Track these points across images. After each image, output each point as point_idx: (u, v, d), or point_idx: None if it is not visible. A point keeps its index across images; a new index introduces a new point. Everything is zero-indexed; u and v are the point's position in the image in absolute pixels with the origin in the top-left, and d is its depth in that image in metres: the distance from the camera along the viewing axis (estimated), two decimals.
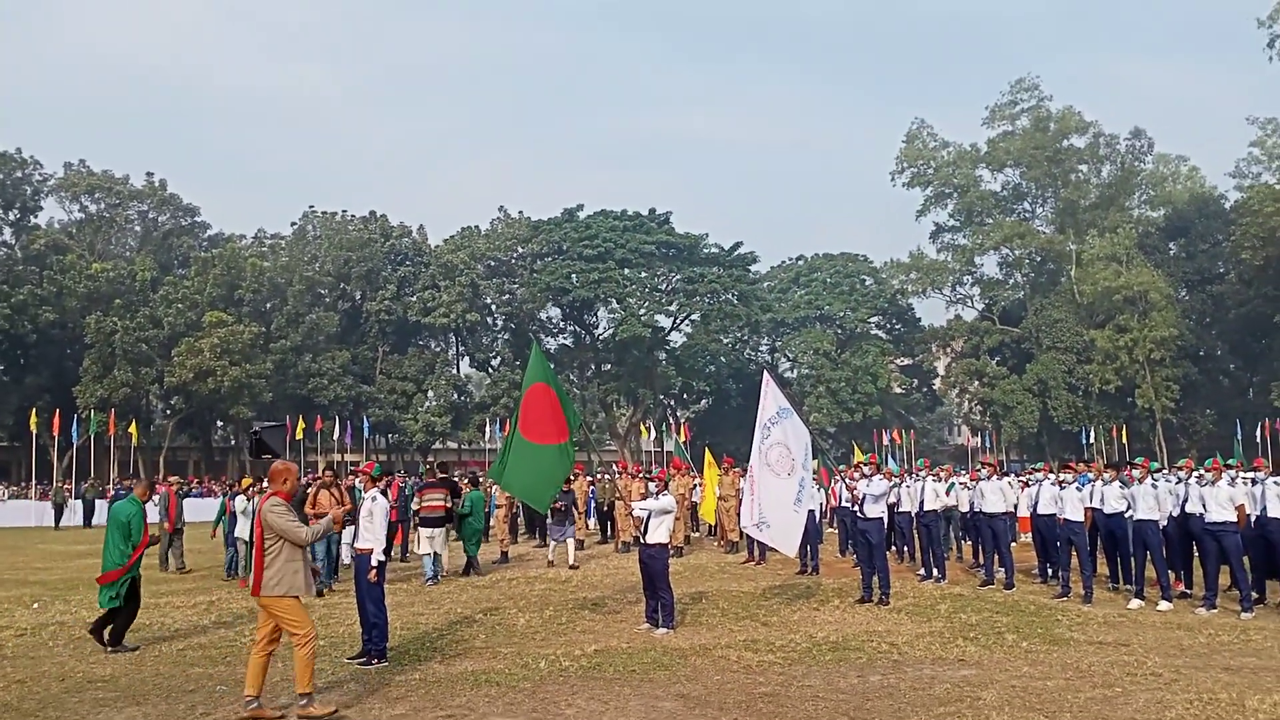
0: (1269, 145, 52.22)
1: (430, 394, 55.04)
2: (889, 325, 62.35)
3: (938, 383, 60.61)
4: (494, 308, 57.96)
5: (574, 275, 54.21)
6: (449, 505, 15.50)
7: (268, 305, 53.29)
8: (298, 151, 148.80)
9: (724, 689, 8.07)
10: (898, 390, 60.74)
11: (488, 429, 49.35)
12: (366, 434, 50.32)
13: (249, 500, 15.28)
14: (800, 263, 64.46)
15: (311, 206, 59.10)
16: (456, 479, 17.34)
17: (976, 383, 52.65)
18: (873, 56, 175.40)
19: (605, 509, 22.49)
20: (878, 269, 61.02)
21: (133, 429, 44.10)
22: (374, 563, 9.20)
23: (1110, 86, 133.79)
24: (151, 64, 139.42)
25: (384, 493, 9.77)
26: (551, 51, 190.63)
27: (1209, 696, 7.41)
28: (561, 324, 60.58)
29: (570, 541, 17.37)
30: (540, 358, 11.61)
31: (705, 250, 57.98)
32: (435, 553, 15.12)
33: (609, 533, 22.10)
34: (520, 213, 58.96)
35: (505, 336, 59.21)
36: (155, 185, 58.19)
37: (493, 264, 57.41)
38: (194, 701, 7.85)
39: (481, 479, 19.29)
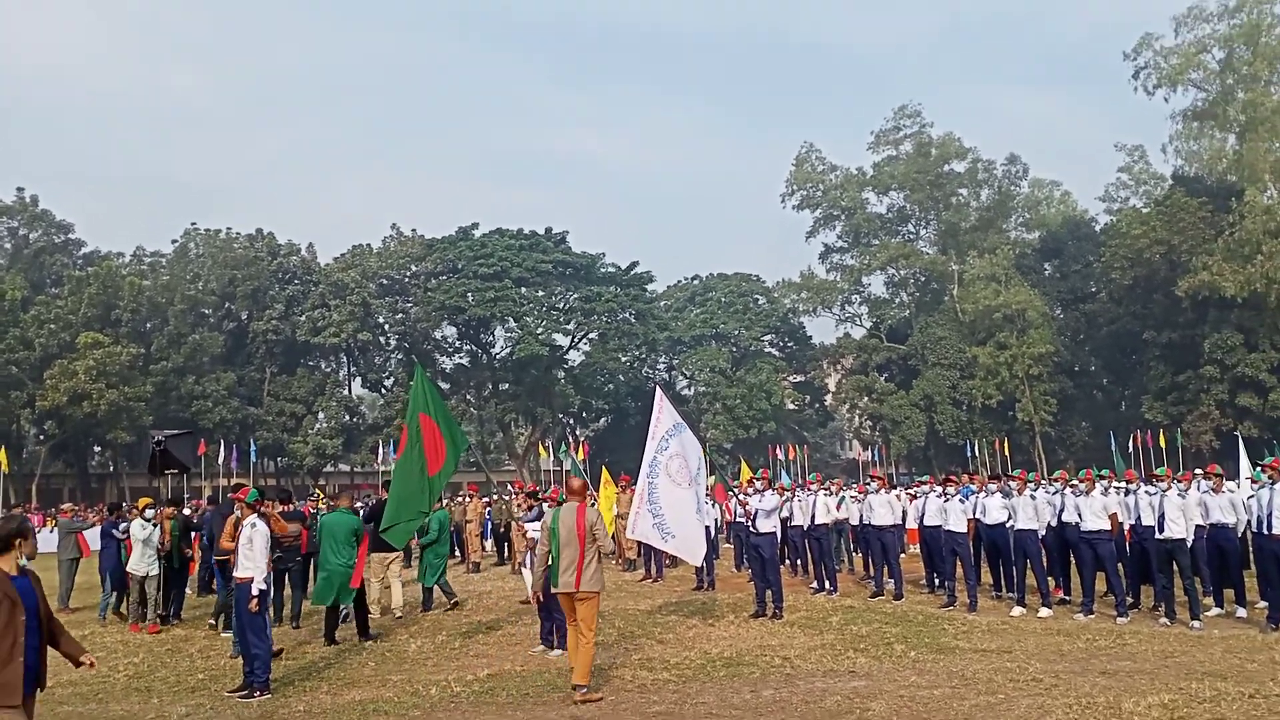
0: (1135, 171, 55.13)
1: (321, 415, 53.65)
2: (782, 343, 63.49)
3: (829, 399, 61.93)
4: (387, 327, 56.94)
5: (470, 294, 53.67)
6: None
7: (147, 325, 51.21)
8: (177, 165, 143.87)
9: (618, 709, 8.04)
10: (791, 406, 61.85)
11: (381, 450, 48.24)
12: (254, 457, 48.69)
13: (153, 526, 13.14)
14: (696, 282, 65.22)
15: (194, 224, 57.22)
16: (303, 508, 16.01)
17: (866, 398, 53.96)
18: (764, 82, 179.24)
19: (502, 530, 22.27)
20: (770, 288, 62.14)
21: (1, 455, 41.78)
22: (254, 591, 8.89)
23: (988, 114, 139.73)
24: (17, 64, 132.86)
25: (265, 519, 9.44)
26: (443, 67, 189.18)
27: (1087, 700, 7.70)
28: (457, 343, 59.89)
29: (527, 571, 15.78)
30: (423, 383, 11.41)
31: (602, 270, 58.16)
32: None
33: (505, 554, 21.88)
34: (414, 231, 58.25)
35: (399, 356, 58.17)
36: (26, 201, 55.46)
37: (385, 282, 56.42)
38: None
39: (445, 499, 18.40)
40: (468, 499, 23.64)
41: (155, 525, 13.16)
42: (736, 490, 16.98)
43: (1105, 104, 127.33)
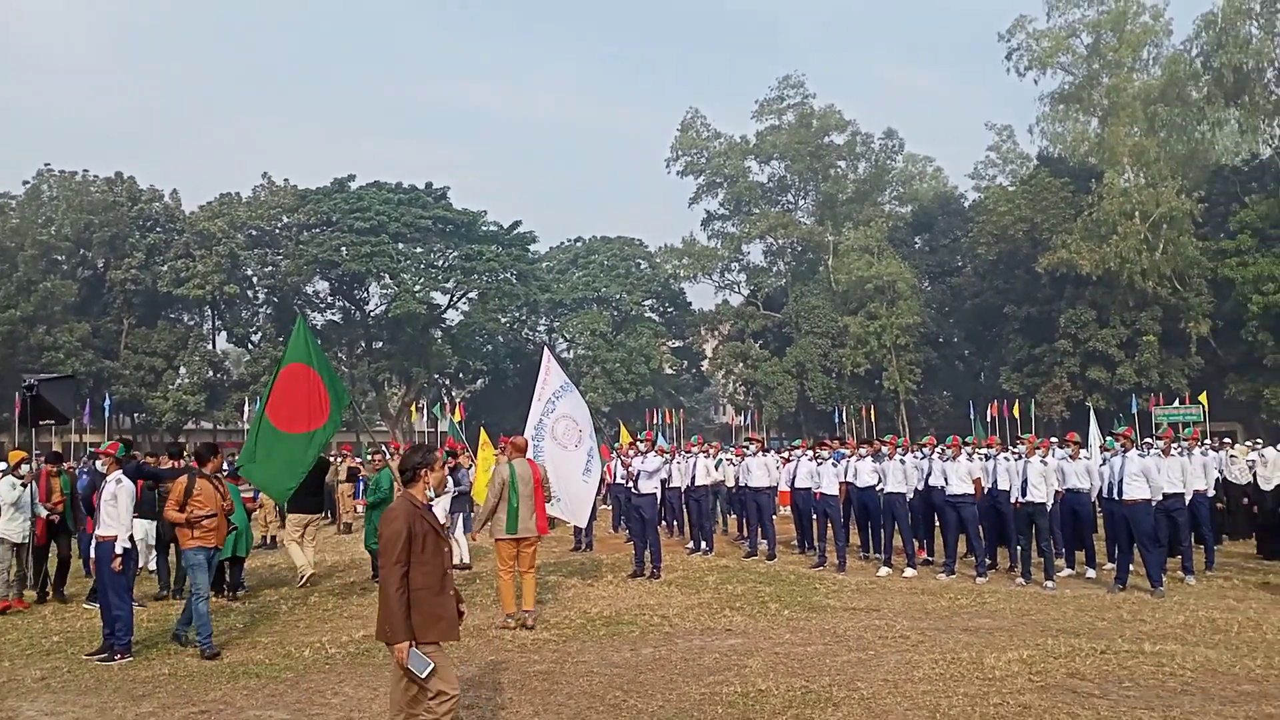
0: (1004, 150, 57.39)
1: (182, 370, 51.32)
2: (662, 308, 63.86)
3: (706, 364, 62.74)
4: (255, 280, 54.67)
5: (344, 248, 52.00)
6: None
7: None
8: (29, 101, 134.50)
9: (498, 669, 7.99)
10: (669, 371, 62.39)
11: (247, 408, 46.53)
12: (108, 413, 46.35)
13: (23, 486, 10.99)
14: (579, 245, 64.88)
15: (47, 164, 53.45)
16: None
17: (741, 365, 54.84)
18: (653, 44, 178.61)
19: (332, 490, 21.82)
20: (652, 254, 62.31)
21: None
22: (118, 550, 8.47)
23: (869, 87, 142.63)
24: None
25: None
26: (321, 11, 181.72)
27: (951, 656, 8.04)
28: (330, 299, 57.99)
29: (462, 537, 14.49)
30: (305, 333, 10.98)
31: (484, 228, 57.17)
32: None
33: (331, 515, 21.59)
34: (286, 181, 55.86)
35: (267, 310, 56.02)
36: None
37: (254, 233, 54.09)
38: None
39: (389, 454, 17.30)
40: (340, 459, 23.12)
41: (25, 485, 11.04)
42: (617, 452, 17.04)
43: (980, 83, 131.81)
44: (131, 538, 8.70)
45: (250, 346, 55.11)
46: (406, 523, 4.90)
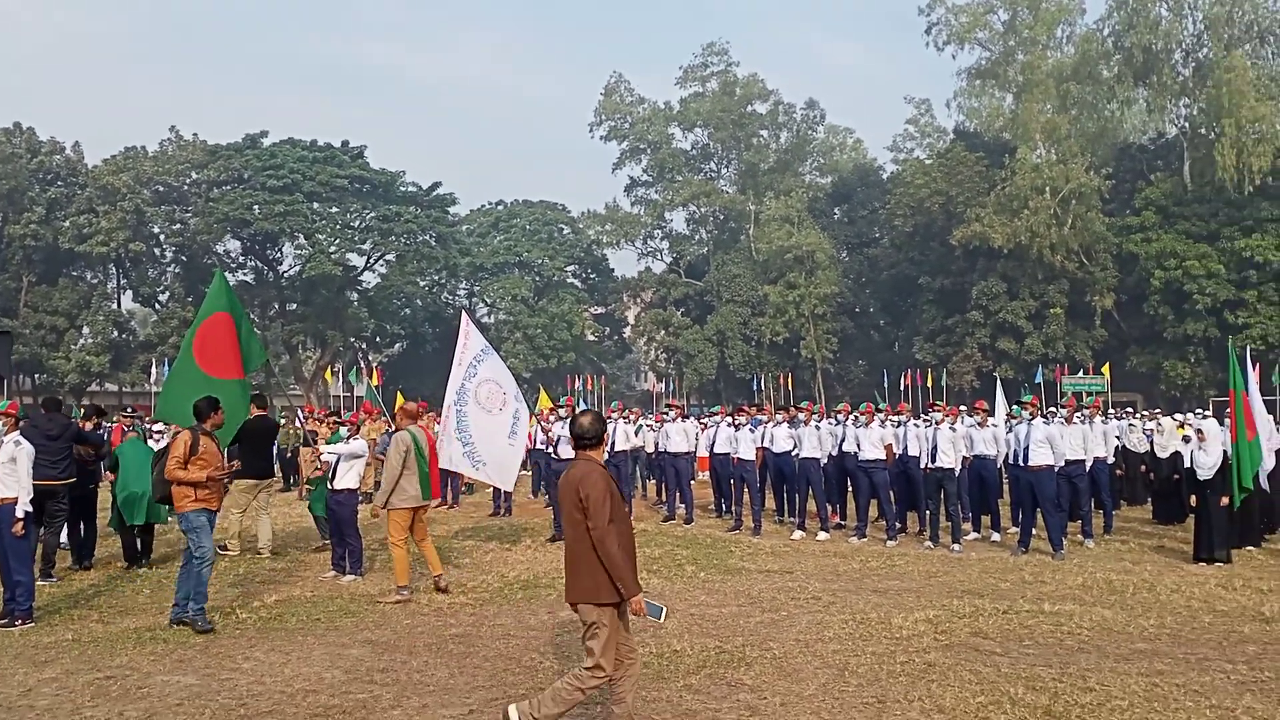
0: (922, 124, 58.22)
1: (86, 330, 49.46)
2: (584, 274, 63.63)
3: (628, 331, 62.83)
4: (163, 238, 52.78)
5: (256, 206, 50.46)
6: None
7: None
8: None
9: (414, 632, 7.96)
10: (591, 337, 62.32)
11: (154, 370, 45.03)
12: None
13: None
14: (500, 208, 64.10)
15: None
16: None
17: (663, 332, 55.03)
18: (576, 8, 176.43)
19: (289, 455, 21.40)
20: (575, 219, 61.94)
21: None
22: (19, 514, 8.17)
23: (792, 57, 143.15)
24: None
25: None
26: None
27: (861, 616, 8.25)
28: (242, 258, 56.30)
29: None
30: (224, 286, 10.64)
31: (402, 188, 56.06)
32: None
33: (291, 480, 21.10)
34: (195, 135, 53.89)
35: (175, 269, 54.15)
36: None
37: (161, 190, 52.14)
38: None
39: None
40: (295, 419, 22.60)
41: None
42: (537, 418, 16.98)
43: (901, 57, 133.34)
44: (33, 501, 8.38)
45: (157, 306, 53.34)
46: (608, 484, 5.09)
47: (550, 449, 13.46)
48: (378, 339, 60.51)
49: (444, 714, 5.88)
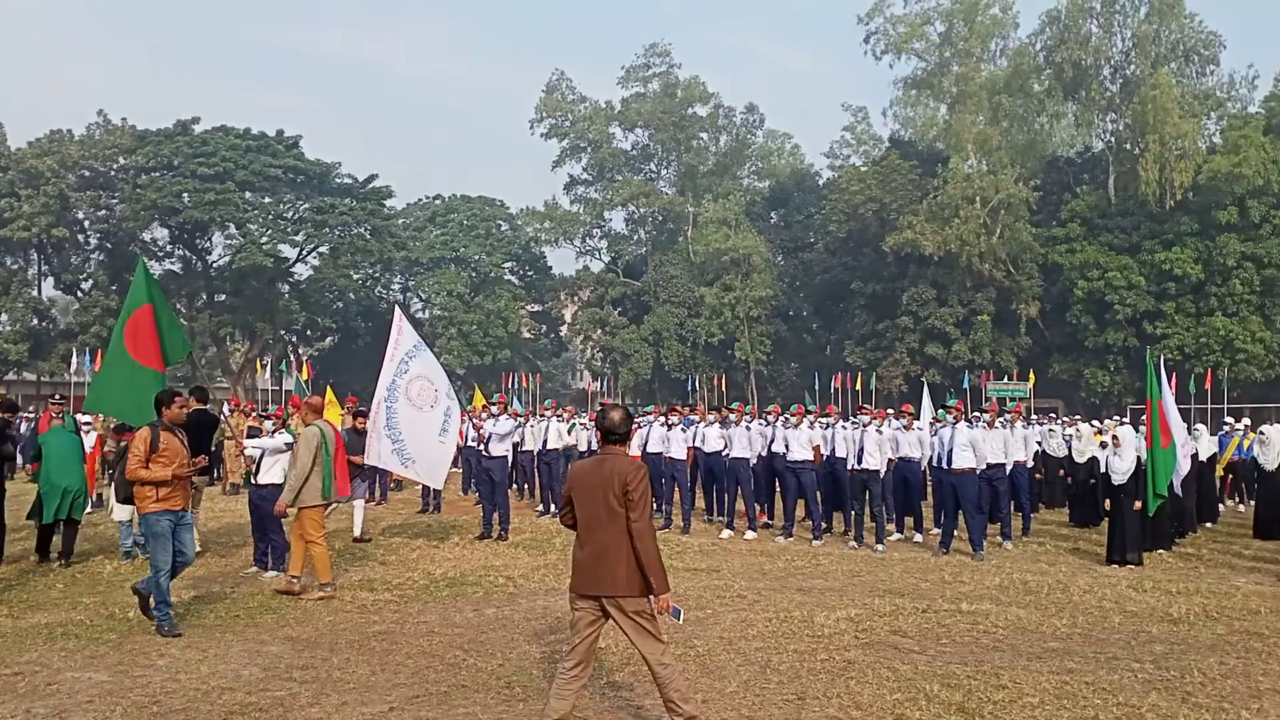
0: (858, 131, 59.07)
1: (4, 317, 47.82)
2: (522, 271, 63.29)
3: (564, 329, 62.63)
4: (87, 224, 51.21)
5: (186, 194, 49.23)
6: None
7: None
8: None
9: (336, 629, 7.87)
10: (527, 335, 62.01)
11: (74, 360, 43.72)
12: None
13: None
14: (438, 202, 63.45)
15: None
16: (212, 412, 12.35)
17: (600, 331, 54.97)
18: (518, 4, 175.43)
19: (214, 449, 20.95)
20: (514, 215, 61.56)
21: None
22: None
23: (733, 60, 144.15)
24: None
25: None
26: None
27: (785, 614, 8.36)
28: (169, 247, 54.83)
29: (359, 505, 12.91)
30: (147, 277, 10.41)
31: (337, 180, 55.14)
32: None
33: (217, 474, 20.66)
34: (124, 120, 52.35)
35: (100, 257, 52.60)
36: None
37: (87, 174, 50.55)
38: None
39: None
40: (231, 413, 22.10)
41: None
42: (469, 415, 16.87)
43: (840, 64, 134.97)
44: None
45: (80, 294, 51.74)
46: (648, 478, 5.15)
47: (481, 446, 13.38)
48: (309, 332, 59.51)
49: (363, 711, 5.82)
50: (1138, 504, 11.58)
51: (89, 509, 12.31)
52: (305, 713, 5.79)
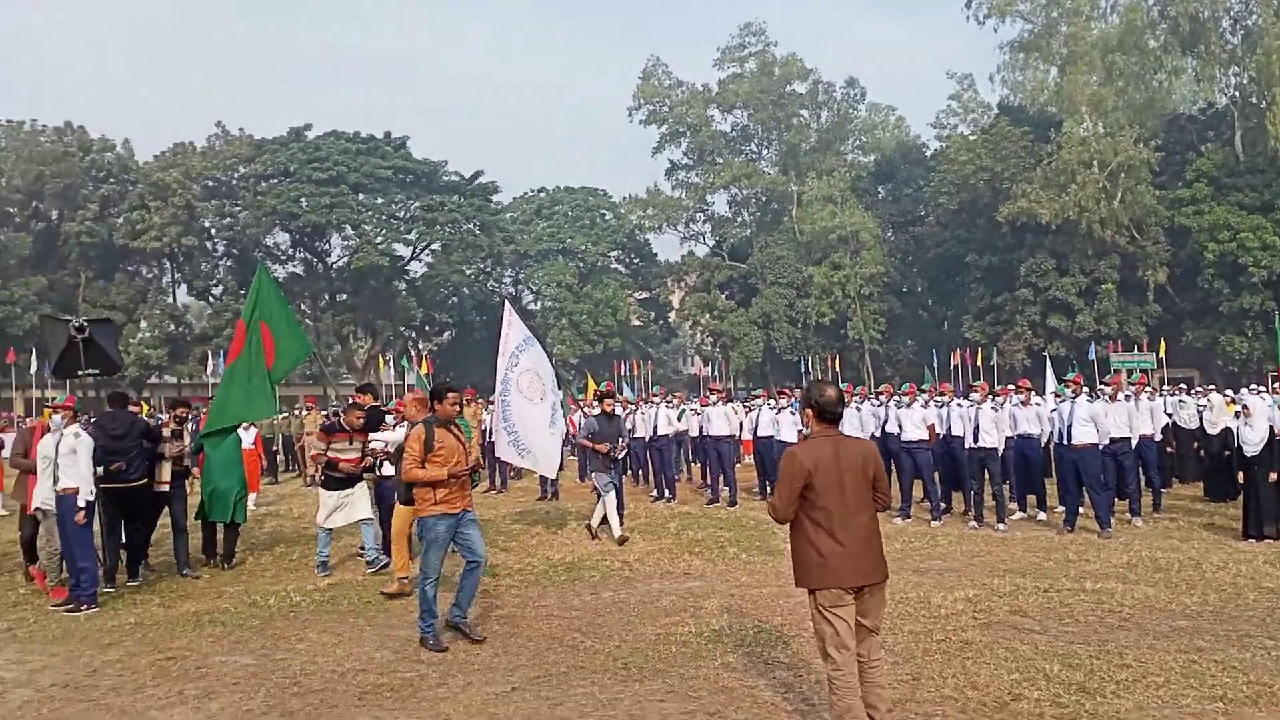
0: (965, 99, 57.39)
1: (143, 324, 50.70)
2: (628, 259, 63.72)
3: (673, 315, 62.81)
4: (214, 232, 53.86)
5: (303, 199, 51.29)
6: (363, 458, 10.40)
7: None
8: None
9: None
10: (636, 322, 62.44)
11: (210, 362, 45.99)
12: None
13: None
14: (542, 195, 64.37)
15: None
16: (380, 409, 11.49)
17: (708, 315, 54.95)
18: None
19: (297, 445, 22.03)
20: (617, 204, 61.99)
21: None
22: (80, 503, 8.50)
23: (830, 36, 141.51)
24: None
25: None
26: None
27: (900, 596, 8.29)
28: (291, 251, 57.27)
29: (610, 497, 11.87)
30: (260, 283, 10.89)
31: (445, 178, 56.57)
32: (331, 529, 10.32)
33: (293, 466, 22.78)
34: (241, 130, 54.89)
35: (227, 263, 55.27)
36: None
37: (211, 184, 53.16)
38: None
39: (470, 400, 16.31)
40: (304, 411, 23.27)
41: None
42: (580, 404, 17.18)
43: (941, 32, 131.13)
44: (93, 490, 8.69)
45: (211, 300, 54.47)
46: None
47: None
48: (426, 328, 61.25)
49: (487, 691, 6.06)
50: (1274, 475, 11.06)
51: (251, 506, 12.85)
52: (433, 692, 6.06)
